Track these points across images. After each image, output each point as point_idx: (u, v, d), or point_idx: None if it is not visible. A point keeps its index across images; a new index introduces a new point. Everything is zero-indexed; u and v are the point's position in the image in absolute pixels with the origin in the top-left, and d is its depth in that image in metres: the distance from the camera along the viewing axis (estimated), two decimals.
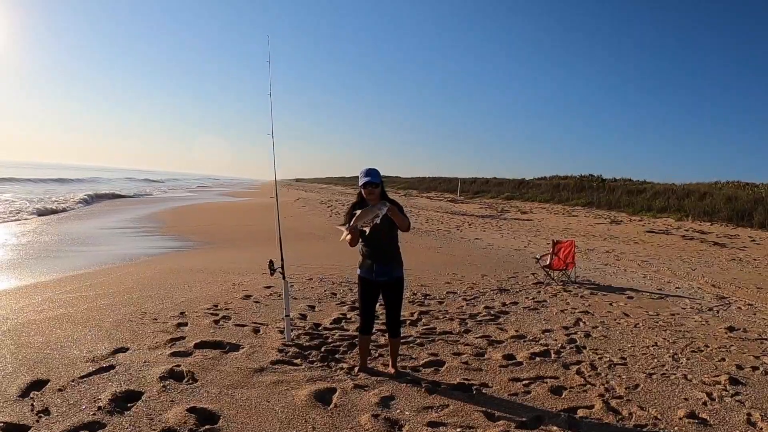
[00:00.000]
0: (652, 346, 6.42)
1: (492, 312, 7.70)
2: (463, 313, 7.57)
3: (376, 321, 5.62)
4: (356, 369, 4.93)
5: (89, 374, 4.44)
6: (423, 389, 4.55)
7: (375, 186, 4.59)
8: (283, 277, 5.58)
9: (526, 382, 4.95)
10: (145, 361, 4.79)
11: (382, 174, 4.68)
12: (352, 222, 4.53)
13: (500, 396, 4.61)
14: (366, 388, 4.48)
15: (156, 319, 6.21)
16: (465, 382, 4.82)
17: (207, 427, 3.67)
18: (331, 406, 4.13)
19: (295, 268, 10.36)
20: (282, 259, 5.65)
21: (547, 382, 4.96)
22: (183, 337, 5.55)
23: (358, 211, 4.52)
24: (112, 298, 7.20)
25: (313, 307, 7.33)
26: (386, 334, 5.09)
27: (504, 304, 8.26)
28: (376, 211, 4.45)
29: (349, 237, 4.58)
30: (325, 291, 8.41)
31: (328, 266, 10.73)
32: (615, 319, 7.67)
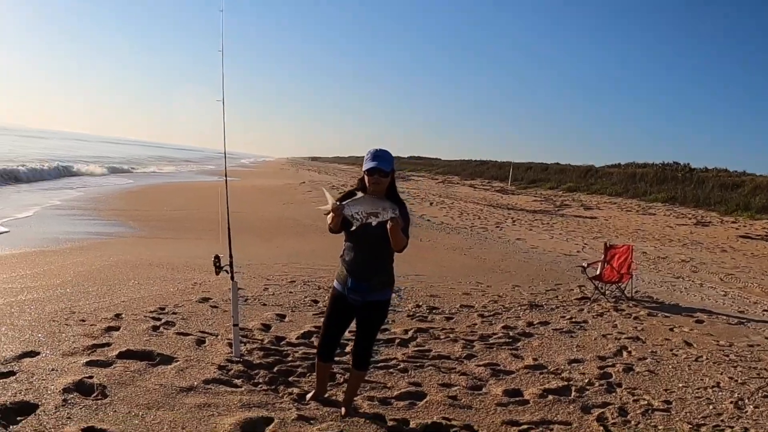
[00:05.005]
0: (712, 387, 6.18)
1: (511, 334, 7.54)
2: (473, 333, 7.43)
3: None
4: (309, 396, 4.84)
5: None
6: (384, 428, 4.45)
7: (384, 174, 4.23)
8: (232, 278, 5.51)
9: (526, 427, 4.80)
10: (53, 369, 4.81)
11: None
12: (346, 201, 4.17)
13: None
14: (311, 422, 4.39)
15: (84, 321, 6.23)
16: (443, 422, 4.69)
17: None
18: None
19: (279, 267, 10.36)
20: (231, 255, 5.56)
21: (552, 429, 4.79)
22: (108, 344, 5.54)
23: (360, 194, 4.21)
24: (40, 292, 7.25)
25: (283, 317, 7.28)
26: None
27: (530, 324, 8.10)
28: (379, 208, 4.08)
29: (331, 215, 4.16)
30: (305, 297, 8.35)
31: (320, 266, 10.67)
32: (672, 350, 7.44)
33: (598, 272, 10.72)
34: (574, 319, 8.62)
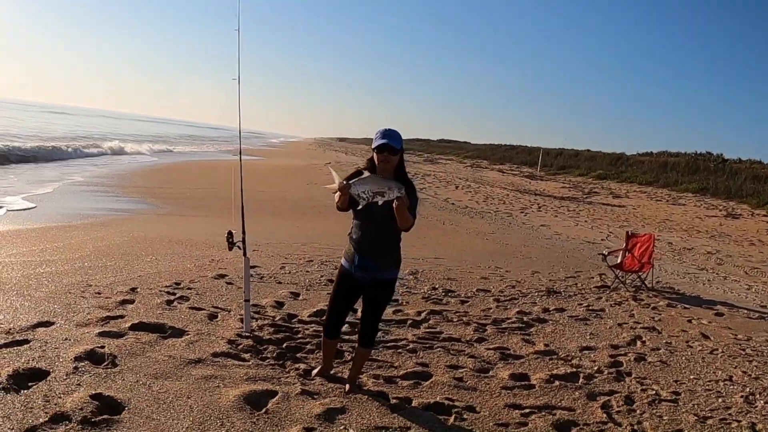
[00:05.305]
0: (724, 380, 6.15)
1: (525, 319, 7.57)
2: (487, 317, 7.47)
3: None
4: (314, 372, 4.95)
5: None
6: (386, 405, 4.53)
7: (393, 152, 4.31)
8: (244, 254, 5.63)
9: (528, 411, 4.84)
10: (66, 338, 4.99)
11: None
12: (352, 180, 4.23)
13: (483, 425, 4.52)
14: (314, 396, 4.50)
15: (99, 293, 6.41)
16: (445, 402, 4.76)
17: (105, 417, 3.81)
18: (261, 411, 4.18)
19: (298, 247, 10.48)
20: (243, 231, 5.69)
21: (555, 414, 4.82)
22: (122, 316, 5.72)
23: (367, 173, 4.29)
24: (59, 265, 7.45)
25: (297, 295, 7.40)
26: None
27: (546, 311, 8.12)
28: (385, 187, 4.13)
29: (338, 194, 4.26)
30: (321, 277, 8.48)
31: (338, 247, 10.73)
32: (687, 341, 7.41)
33: (618, 261, 10.68)
34: (591, 307, 8.62)
